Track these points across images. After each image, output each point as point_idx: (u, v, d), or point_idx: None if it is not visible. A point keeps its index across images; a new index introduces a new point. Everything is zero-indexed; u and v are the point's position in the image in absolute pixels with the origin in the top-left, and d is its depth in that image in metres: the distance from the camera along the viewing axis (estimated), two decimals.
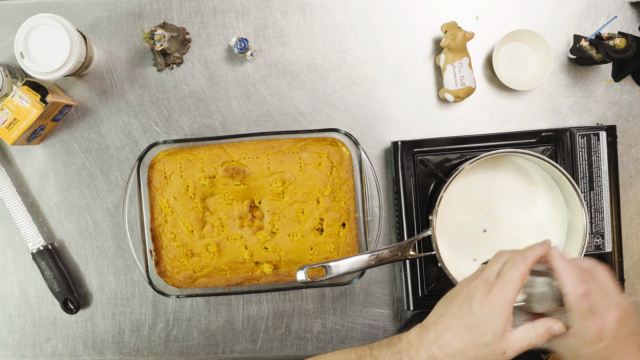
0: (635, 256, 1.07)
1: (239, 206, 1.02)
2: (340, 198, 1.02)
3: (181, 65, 1.06)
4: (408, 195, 1.01)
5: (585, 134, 1.02)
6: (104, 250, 1.07)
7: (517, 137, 1.02)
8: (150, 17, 1.05)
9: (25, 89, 0.96)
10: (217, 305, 1.07)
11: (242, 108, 1.06)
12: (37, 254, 1.04)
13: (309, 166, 1.01)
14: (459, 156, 1.01)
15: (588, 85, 1.07)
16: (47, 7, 1.05)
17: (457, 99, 1.02)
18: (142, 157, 1.01)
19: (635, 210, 1.07)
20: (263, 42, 1.06)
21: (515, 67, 1.06)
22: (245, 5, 1.06)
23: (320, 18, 1.06)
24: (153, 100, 1.06)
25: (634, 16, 1.06)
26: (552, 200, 1.01)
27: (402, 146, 1.01)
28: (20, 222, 1.04)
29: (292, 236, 1.02)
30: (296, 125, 1.06)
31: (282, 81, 1.06)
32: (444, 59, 1.01)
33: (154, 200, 1.02)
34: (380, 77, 1.06)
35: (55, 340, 1.07)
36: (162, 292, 1.01)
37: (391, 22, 1.06)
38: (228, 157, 1.01)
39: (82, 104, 1.06)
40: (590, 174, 1.02)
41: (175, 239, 1.02)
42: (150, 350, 1.07)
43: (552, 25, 1.06)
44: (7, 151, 1.06)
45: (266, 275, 1.02)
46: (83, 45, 0.98)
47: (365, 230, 1.02)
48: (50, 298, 1.07)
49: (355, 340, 1.07)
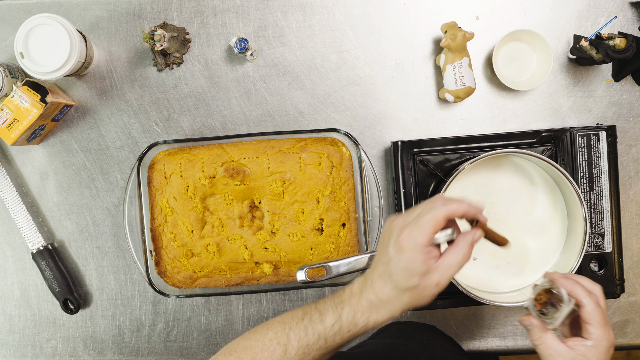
0: (635, 256, 1.07)
1: (239, 206, 1.02)
2: (340, 198, 1.02)
3: (181, 65, 1.06)
4: (408, 196, 1.01)
5: (585, 134, 1.02)
6: (104, 250, 1.07)
7: (517, 137, 1.02)
8: (150, 17, 1.05)
9: (25, 89, 0.96)
10: (217, 305, 1.07)
11: (242, 108, 1.06)
12: (37, 254, 1.04)
13: (309, 166, 1.01)
14: (459, 156, 1.01)
15: (588, 85, 1.07)
16: (47, 7, 1.05)
17: (457, 99, 1.02)
18: (142, 157, 1.01)
19: (635, 210, 1.07)
20: (263, 42, 1.06)
21: (515, 67, 1.06)
22: (245, 5, 1.06)
23: (320, 18, 1.06)
24: (153, 100, 1.06)
25: (634, 16, 1.06)
26: (552, 200, 1.01)
27: (402, 146, 1.01)
28: (20, 222, 1.04)
29: (292, 236, 1.02)
30: (296, 125, 1.06)
31: (282, 81, 1.06)
32: (444, 59, 1.01)
33: (154, 200, 1.02)
34: (380, 77, 1.06)
35: (55, 340, 1.07)
36: (162, 292, 1.01)
37: (391, 22, 1.06)
38: (228, 157, 1.01)
39: (82, 104, 1.06)
40: (590, 174, 1.02)
41: (175, 239, 1.02)
42: (150, 350, 1.07)
43: (552, 25, 1.06)
44: (7, 151, 1.06)
45: (266, 275, 1.02)
46: (83, 45, 0.98)
47: (365, 230, 1.02)
48: (50, 298, 1.07)
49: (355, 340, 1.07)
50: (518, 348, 1.08)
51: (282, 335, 0.70)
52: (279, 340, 0.70)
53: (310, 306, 0.73)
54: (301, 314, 0.72)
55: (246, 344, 0.71)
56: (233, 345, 0.72)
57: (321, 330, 0.70)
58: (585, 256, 1.01)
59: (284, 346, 0.70)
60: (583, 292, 0.72)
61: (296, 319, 0.71)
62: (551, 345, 0.72)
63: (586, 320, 0.72)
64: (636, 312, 1.08)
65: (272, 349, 0.70)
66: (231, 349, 0.72)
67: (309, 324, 0.70)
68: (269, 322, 0.73)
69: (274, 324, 0.72)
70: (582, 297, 0.72)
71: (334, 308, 0.71)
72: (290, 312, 0.74)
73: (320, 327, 0.70)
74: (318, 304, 0.73)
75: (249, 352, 0.70)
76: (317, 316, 0.71)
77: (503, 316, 1.07)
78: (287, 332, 0.70)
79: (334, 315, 0.70)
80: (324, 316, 0.70)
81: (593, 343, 0.71)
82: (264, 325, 0.73)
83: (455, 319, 1.07)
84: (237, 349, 0.71)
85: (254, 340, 0.71)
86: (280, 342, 0.70)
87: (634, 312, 1.08)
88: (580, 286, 0.73)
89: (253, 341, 0.71)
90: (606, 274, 1.02)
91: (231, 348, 0.72)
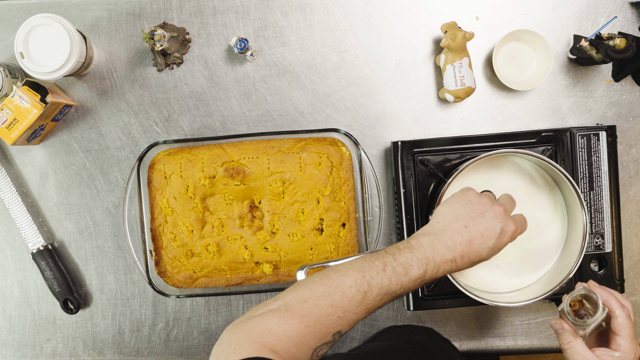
0: (635, 256, 1.07)
1: (239, 206, 1.02)
2: (340, 198, 1.02)
3: (181, 65, 1.06)
4: (408, 195, 1.01)
5: (585, 134, 1.02)
6: (104, 250, 1.07)
7: (517, 137, 1.02)
8: (150, 17, 1.05)
9: (25, 89, 0.96)
10: (217, 305, 1.07)
11: (242, 108, 1.06)
12: (37, 254, 1.04)
13: (309, 166, 1.01)
14: (459, 156, 1.01)
15: (588, 85, 1.07)
16: (47, 7, 1.05)
17: (457, 99, 1.02)
18: (142, 157, 1.01)
19: (635, 210, 1.07)
20: (263, 42, 1.06)
21: (515, 67, 1.06)
22: (245, 5, 1.06)
23: (320, 18, 1.06)
24: (153, 100, 1.06)
25: (634, 16, 1.06)
26: (552, 201, 1.01)
27: (402, 146, 1.01)
28: (20, 222, 1.04)
29: (292, 236, 1.02)
30: (296, 125, 1.06)
31: (282, 81, 1.06)
32: (444, 59, 1.01)
33: (154, 200, 1.02)
34: (380, 77, 1.06)
35: (55, 340, 1.07)
36: (162, 292, 1.01)
37: (391, 22, 1.06)
38: (228, 157, 1.01)
39: (82, 104, 1.06)
40: (590, 174, 1.02)
41: (175, 239, 1.02)
42: (150, 350, 1.07)
43: (552, 25, 1.06)
44: (7, 151, 1.06)
45: (266, 275, 1.02)
46: (83, 45, 0.98)
47: (365, 230, 1.02)
48: (50, 298, 1.07)
49: (355, 341, 1.07)
50: (518, 348, 1.08)
51: (362, 282, 0.70)
52: (358, 287, 0.70)
53: (385, 256, 0.74)
54: (381, 265, 0.72)
55: (322, 290, 0.70)
56: (304, 292, 0.70)
57: (405, 282, 0.72)
58: (585, 256, 1.01)
59: (364, 293, 0.70)
60: (617, 304, 0.76)
61: (375, 268, 0.72)
62: (580, 352, 0.75)
63: (616, 331, 0.75)
64: (636, 312, 1.08)
65: (351, 296, 0.70)
66: (304, 296, 0.70)
67: (392, 275, 0.72)
68: (341, 269, 0.73)
69: (351, 271, 0.72)
70: (616, 308, 0.76)
71: (418, 264, 0.73)
72: (362, 259, 0.74)
73: (405, 279, 0.72)
74: (396, 255, 0.74)
75: (326, 299, 0.69)
76: (401, 269, 0.72)
77: (503, 316, 1.07)
78: (367, 280, 0.71)
79: (419, 271, 0.73)
80: (409, 270, 0.73)
81: (620, 355, 0.73)
82: (337, 272, 0.72)
83: (455, 319, 1.07)
84: (312, 295, 0.70)
85: (330, 286, 0.70)
86: (361, 289, 0.70)
87: (634, 312, 1.08)
88: (614, 298, 0.77)
89: (330, 287, 0.70)
90: (606, 274, 1.02)
91: (303, 295, 0.70)
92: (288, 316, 0.68)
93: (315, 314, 0.68)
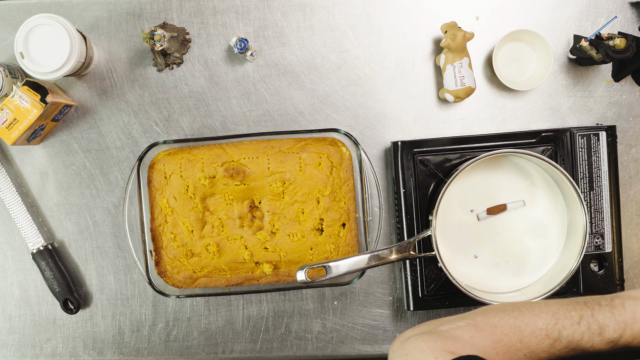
0: (635, 256, 1.07)
1: (239, 206, 1.02)
2: (340, 198, 1.02)
3: (181, 65, 1.06)
4: (408, 196, 1.01)
5: (585, 134, 1.02)
6: (104, 250, 1.07)
7: (517, 137, 1.02)
8: (150, 17, 1.05)
9: (25, 89, 0.96)
10: (217, 305, 1.07)
11: (242, 108, 1.06)
12: (37, 254, 1.04)
13: (309, 166, 1.01)
14: (459, 156, 1.01)
15: (588, 85, 1.07)
16: (47, 7, 1.05)
17: (457, 99, 1.02)
18: (142, 157, 1.01)
19: (635, 210, 1.07)
20: (263, 42, 1.06)
21: (515, 67, 1.06)
22: (245, 5, 1.06)
23: (320, 18, 1.06)
24: (153, 100, 1.06)
25: (634, 16, 1.06)
26: (552, 201, 1.01)
27: (402, 146, 1.01)
28: (20, 222, 1.04)
29: (292, 236, 1.02)
30: (296, 125, 1.06)
31: (282, 81, 1.06)
32: (444, 59, 1.01)
33: (154, 200, 1.02)
34: (380, 77, 1.06)
35: (55, 340, 1.07)
36: (162, 292, 1.02)
37: (391, 22, 1.06)
38: (228, 157, 1.01)
39: (82, 104, 1.06)
40: (590, 174, 1.02)
41: (175, 239, 1.02)
42: (150, 350, 1.07)
43: (552, 25, 1.06)
44: (7, 151, 1.06)
45: (266, 275, 1.02)
46: (83, 45, 0.98)
47: (365, 230, 1.02)
48: (50, 298, 1.07)
49: (355, 341, 1.07)
50: None
51: (553, 329, 0.69)
52: (548, 333, 0.69)
53: (584, 308, 0.71)
54: (577, 317, 0.70)
55: (513, 323, 0.69)
56: (494, 318, 0.69)
57: (597, 342, 0.69)
58: (585, 256, 1.01)
59: (553, 340, 0.69)
60: None
61: (570, 319, 0.70)
62: None
63: None
64: None
65: (540, 339, 0.69)
66: (494, 322, 0.69)
67: (586, 332, 0.69)
68: (534, 307, 0.71)
69: (544, 314, 0.70)
70: None
71: (615, 326, 0.69)
72: (558, 304, 0.71)
73: (597, 339, 0.69)
74: (595, 311, 0.70)
75: (516, 333, 0.68)
76: (597, 328, 0.69)
77: None
78: (559, 329, 0.69)
79: (614, 334, 0.69)
80: (604, 330, 0.69)
81: None
82: (529, 308, 0.71)
83: None
84: (502, 324, 0.69)
85: (521, 322, 0.69)
86: (551, 335, 0.69)
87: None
88: None
89: (521, 323, 0.69)
90: (606, 274, 1.02)
91: (493, 321, 0.69)
92: (479, 336, 0.68)
93: (505, 344, 0.68)
